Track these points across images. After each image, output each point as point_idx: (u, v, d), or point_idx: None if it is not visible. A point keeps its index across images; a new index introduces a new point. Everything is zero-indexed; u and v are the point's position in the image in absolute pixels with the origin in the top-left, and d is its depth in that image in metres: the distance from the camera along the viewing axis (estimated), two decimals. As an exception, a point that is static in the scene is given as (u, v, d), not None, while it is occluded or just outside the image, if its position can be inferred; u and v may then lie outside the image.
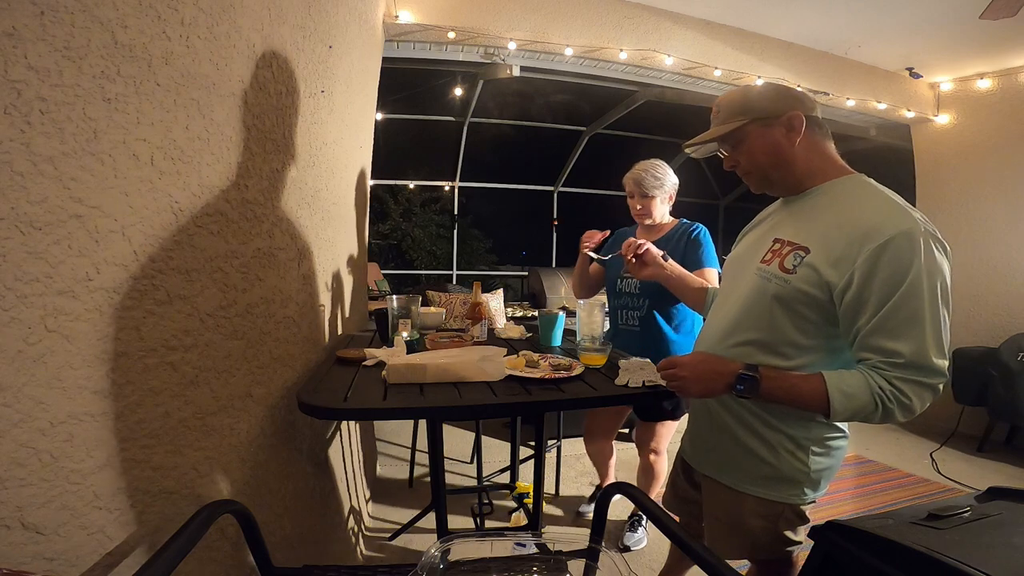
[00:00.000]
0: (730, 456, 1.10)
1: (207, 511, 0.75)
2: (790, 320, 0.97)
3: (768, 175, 1.04)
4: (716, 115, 1.06)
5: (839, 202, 0.97)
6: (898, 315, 0.86)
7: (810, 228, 0.98)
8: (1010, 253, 3.36)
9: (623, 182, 1.93)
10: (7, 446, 0.52)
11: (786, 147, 1.00)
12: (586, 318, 1.63)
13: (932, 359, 0.86)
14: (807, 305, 0.95)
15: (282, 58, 1.10)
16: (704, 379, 0.99)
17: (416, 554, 1.82)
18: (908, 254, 0.86)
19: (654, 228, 1.93)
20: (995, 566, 0.73)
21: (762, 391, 0.94)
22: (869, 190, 0.97)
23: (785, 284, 0.97)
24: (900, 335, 0.86)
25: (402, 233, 10.69)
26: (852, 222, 0.92)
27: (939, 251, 0.89)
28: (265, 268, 1.06)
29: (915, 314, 0.86)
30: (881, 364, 0.88)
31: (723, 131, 1.03)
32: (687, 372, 1.00)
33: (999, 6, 2.26)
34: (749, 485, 1.07)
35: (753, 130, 1.01)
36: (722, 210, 7.14)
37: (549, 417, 2.55)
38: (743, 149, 1.03)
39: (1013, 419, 3.05)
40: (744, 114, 1.01)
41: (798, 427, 1.02)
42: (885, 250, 0.86)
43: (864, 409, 0.88)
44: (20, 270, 0.53)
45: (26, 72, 0.51)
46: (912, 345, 0.86)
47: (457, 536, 0.85)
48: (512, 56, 2.93)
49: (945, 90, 3.71)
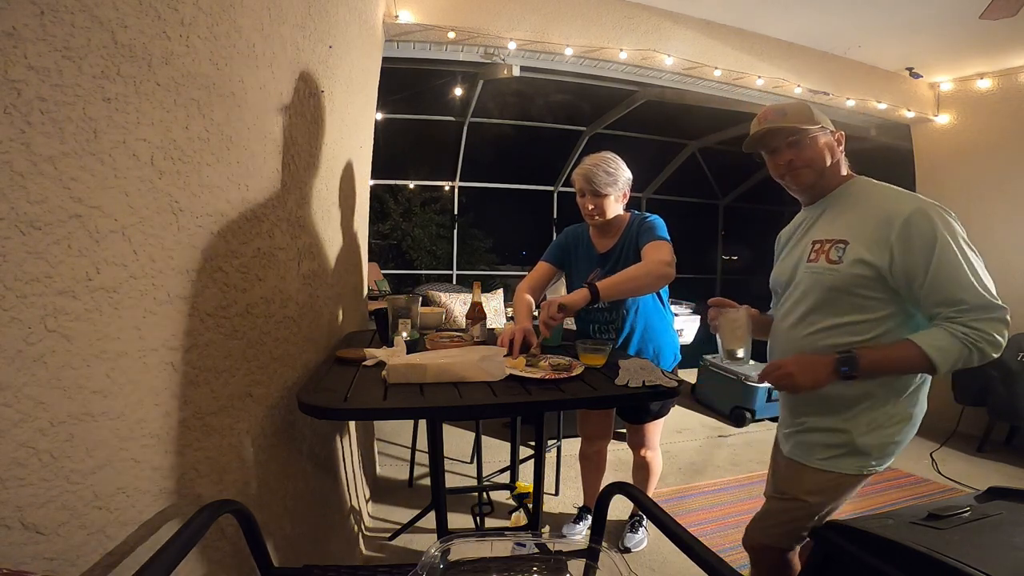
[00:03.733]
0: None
1: (207, 511, 0.75)
2: (849, 301, 1.11)
3: (823, 172, 1.20)
4: (780, 116, 1.18)
5: (857, 199, 1.16)
6: (944, 272, 1.01)
7: (840, 224, 1.15)
8: (1010, 253, 3.36)
9: (572, 179, 1.76)
10: (7, 446, 0.52)
11: (835, 156, 1.20)
12: (728, 328, 1.27)
13: (988, 296, 1.01)
14: (863, 285, 1.09)
15: (282, 58, 1.10)
16: (809, 370, 1.09)
17: (416, 554, 1.82)
18: (928, 223, 1.03)
19: (608, 228, 1.79)
20: (995, 566, 0.73)
21: (863, 366, 1.05)
22: (877, 186, 1.18)
23: (837, 273, 1.12)
24: (955, 287, 1.01)
25: (402, 233, 10.68)
26: (874, 211, 1.10)
27: (949, 216, 1.05)
28: (265, 268, 1.06)
29: (958, 267, 1.01)
30: (953, 314, 1.01)
31: (809, 127, 1.16)
32: (793, 368, 1.11)
33: (999, 6, 2.26)
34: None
35: (822, 136, 1.18)
36: (722, 210, 7.14)
37: (549, 417, 2.55)
38: (813, 148, 1.18)
39: (1013, 419, 3.05)
40: (817, 123, 1.17)
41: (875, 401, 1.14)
42: (910, 224, 1.04)
43: (961, 355, 1.00)
44: (20, 270, 0.52)
45: (26, 72, 0.51)
46: (969, 292, 1.00)
47: (457, 536, 0.85)
48: (512, 56, 2.93)
49: (945, 90, 3.71)
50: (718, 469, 2.89)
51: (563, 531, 2.18)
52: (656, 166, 6.07)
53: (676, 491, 2.61)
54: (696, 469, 2.88)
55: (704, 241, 7.33)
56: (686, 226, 6.37)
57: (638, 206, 5.67)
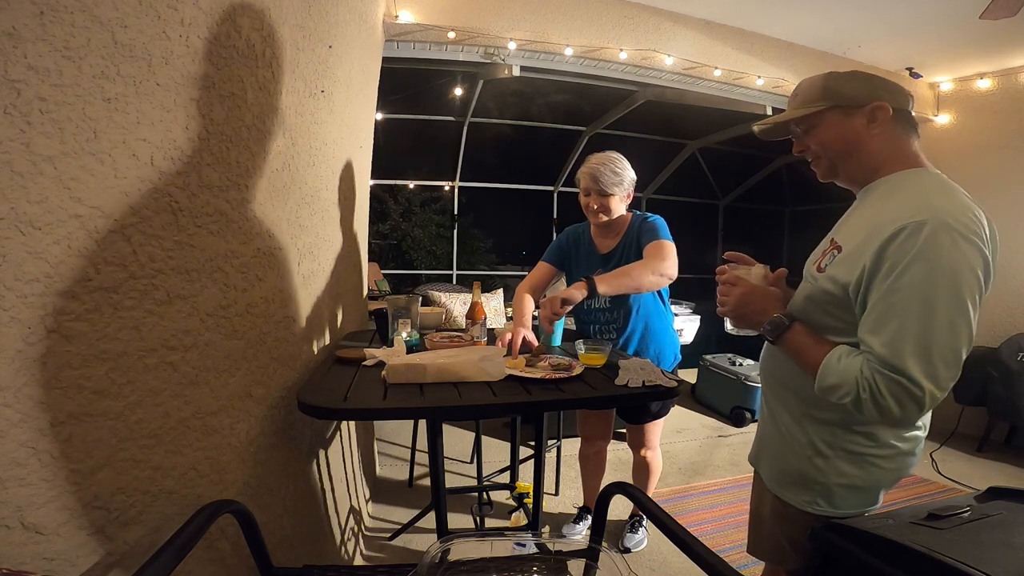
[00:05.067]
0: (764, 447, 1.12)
1: (207, 511, 0.75)
2: (820, 319, 0.95)
3: (837, 164, 0.99)
4: (794, 98, 1.01)
5: (883, 197, 0.92)
6: (880, 306, 0.81)
7: (850, 225, 0.96)
8: (1010, 253, 3.36)
9: (576, 177, 1.77)
10: (7, 446, 0.52)
11: (864, 137, 0.93)
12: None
13: (907, 363, 0.77)
14: (829, 303, 0.92)
15: (282, 58, 1.10)
16: (742, 308, 1.00)
17: (416, 554, 1.82)
18: (911, 246, 0.79)
19: (610, 228, 1.79)
20: (995, 566, 0.73)
21: (784, 339, 0.94)
22: (912, 182, 0.90)
23: (814, 284, 0.95)
24: (878, 327, 0.81)
25: (402, 233, 10.68)
26: (877, 216, 0.87)
27: (968, 246, 0.79)
28: (265, 268, 1.06)
29: (898, 308, 0.79)
30: (868, 354, 0.83)
31: (798, 114, 0.98)
32: (732, 297, 1.02)
33: (999, 6, 2.26)
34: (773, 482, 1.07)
35: (831, 116, 0.95)
36: (722, 210, 7.14)
37: (549, 417, 2.55)
38: (816, 135, 0.98)
39: (1013, 419, 3.05)
40: (823, 99, 0.95)
41: (821, 429, 0.98)
42: (892, 242, 0.81)
43: (841, 387, 0.83)
44: (20, 270, 0.53)
45: (26, 72, 0.51)
46: (883, 340, 0.79)
47: (457, 536, 0.85)
48: (512, 56, 2.93)
49: (945, 90, 3.71)
50: (718, 469, 2.89)
51: (563, 531, 2.18)
52: (656, 166, 6.07)
53: (676, 491, 2.61)
54: (696, 469, 2.88)
55: (704, 241, 7.33)
56: (686, 226, 6.37)
57: (638, 206, 5.67)
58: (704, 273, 7.56)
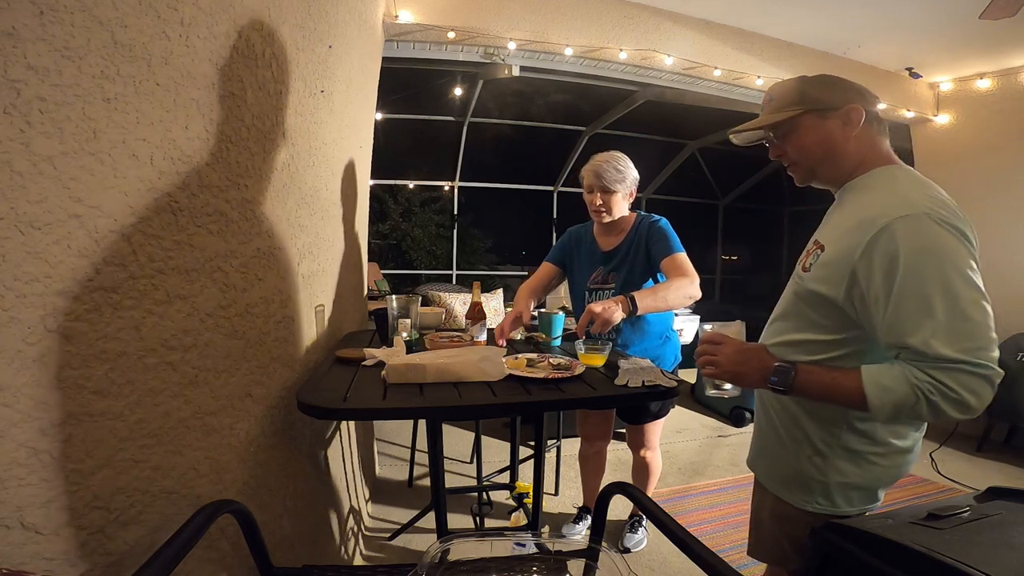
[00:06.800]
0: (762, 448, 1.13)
1: (207, 511, 0.75)
2: (808, 317, 0.96)
3: (815, 168, 1.01)
4: (768, 103, 1.02)
5: (860, 194, 0.94)
6: (902, 308, 0.81)
7: (831, 224, 0.98)
8: (1009, 253, 3.36)
9: (580, 175, 1.79)
10: (7, 446, 0.52)
11: (840, 140, 0.96)
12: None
13: (959, 351, 0.78)
14: (818, 303, 0.93)
15: (282, 58, 1.10)
16: (738, 366, 0.97)
17: (416, 554, 1.82)
18: (903, 240, 0.81)
19: (613, 227, 1.80)
20: (995, 566, 0.73)
21: (797, 384, 0.90)
22: (887, 178, 0.93)
23: (801, 283, 0.97)
24: (912, 329, 0.80)
25: (402, 233, 10.68)
26: (856, 214, 0.89)
27: (950, 233, 0.82)
28: (265, 268, 1.06)
29: (921, 304, 0.80)
30: (911, 357, 0.81)
31: (774, 120, 0.99)
32: (723, 358, 0.98)
33: (999, 6, 2.26)
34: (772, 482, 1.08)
35: (806, 121, 0.97)
36: (722, 210, 7.14)
37: (549, 417, 2.55)
38: (793, 140, 0.99)
39: (1012, 419, 3.05)
40: (799, 104, 0.97)
41: (819, 428, 0.98)
42: (878, 241, 0.83)
43: (905, 402, 0.81)
44: (20, 270, 0.52)
45: (26, 72, 0.51)
46: (922, 338, 0.79)
47: (457, 536, 0.85)
48: (512, 56, 2.93)
49: (945, 90, 3.71)
50: (717, 469, 2.89)
51: (563, 531, 2.18)
52: (656, 166, 6.08)
53: (676, 491, 2.61)
54: (696, 469, 2.88)
55: (704, 241, 7.34)
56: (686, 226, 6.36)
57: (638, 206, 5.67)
58: (704, 273, 7.57)
